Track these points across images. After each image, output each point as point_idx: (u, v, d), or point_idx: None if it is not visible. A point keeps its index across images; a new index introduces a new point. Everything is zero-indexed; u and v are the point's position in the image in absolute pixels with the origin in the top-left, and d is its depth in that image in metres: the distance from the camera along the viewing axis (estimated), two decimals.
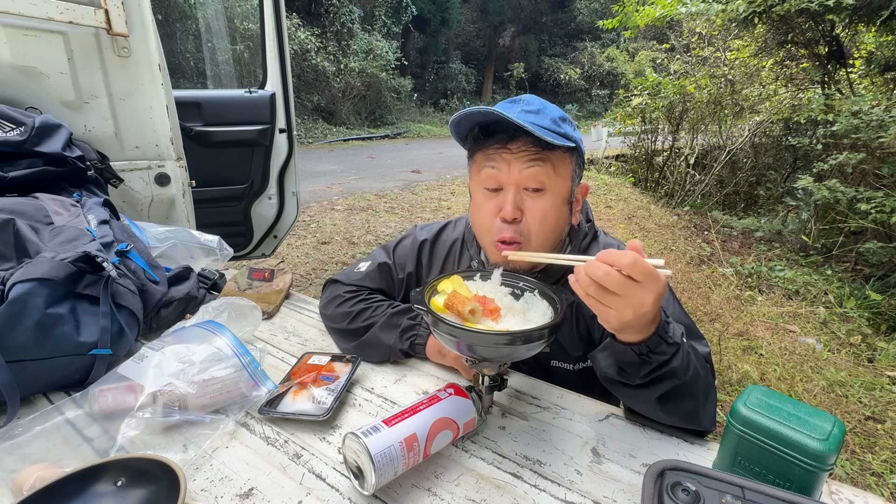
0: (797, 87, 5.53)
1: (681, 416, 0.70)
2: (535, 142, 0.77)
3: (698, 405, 0.69)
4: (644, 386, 0.66)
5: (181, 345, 0.78)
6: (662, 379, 0.65)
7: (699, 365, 0.69)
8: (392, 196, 6.08)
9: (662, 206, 6.18)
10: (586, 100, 22.12)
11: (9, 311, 0.74)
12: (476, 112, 0.77)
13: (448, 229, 1.06)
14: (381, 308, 0.95)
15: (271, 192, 2.57)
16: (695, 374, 0.67)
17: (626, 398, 0.73)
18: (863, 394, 2.33)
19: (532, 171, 0.78)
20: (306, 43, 11.65)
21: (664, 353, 0.63)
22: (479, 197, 0.85)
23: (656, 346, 0.63)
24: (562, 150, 0.79)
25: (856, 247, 3.93)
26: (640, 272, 0.55)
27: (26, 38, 1.37)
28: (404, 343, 0.91)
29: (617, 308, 0.57)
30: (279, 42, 2.32)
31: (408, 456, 0.61)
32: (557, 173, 0.80)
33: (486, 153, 0.81)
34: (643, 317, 0.57)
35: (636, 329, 0.61)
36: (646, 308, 0.56)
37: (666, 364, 0.64)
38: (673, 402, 0.68)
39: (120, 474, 0.55)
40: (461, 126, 0.82)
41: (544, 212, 0.80)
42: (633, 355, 0.63)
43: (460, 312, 0.65)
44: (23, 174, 1.15)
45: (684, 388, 0.66)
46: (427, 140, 13.57)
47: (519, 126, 0.73)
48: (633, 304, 0.56)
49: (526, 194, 0.80)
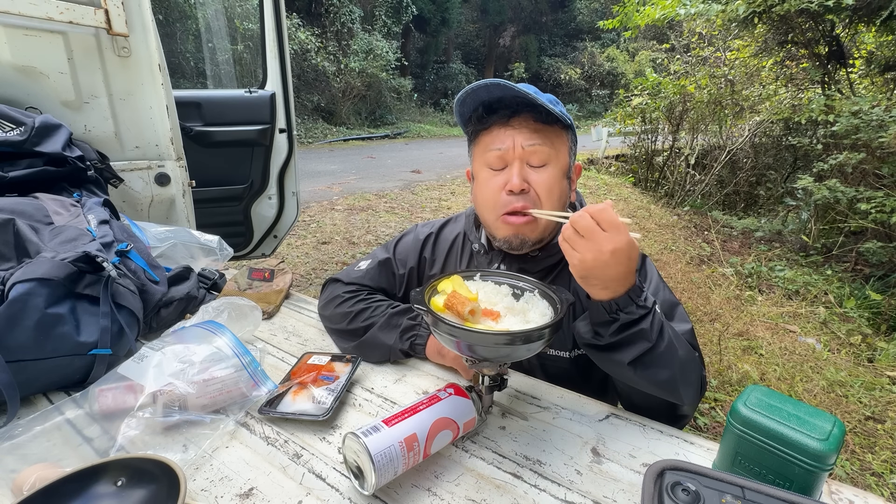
0: (797, 87, 5.53)
1: (658, 385, 0.72)
2: (535, 117, 0.82)
3: (675, 377, 0.71)
4: (615, 347, 0.70)
5: (181, 345, 0.78)
6: (633, 341, 0.69)
7: (677, 342, 0.72)
8: (392, 196, 6.08)
9: (662, 206, 6.18)
10: (586, 100, 22.12)
11: (9, 311, 0.74)
12: (481, 87, 0.81)
13: (450, 225, 1.08)
14: (381, 308, 0.95)
15: (271, 192, 2.57)
16: (669, 345, 0.70)
17: (603, 364, 0.75)
18: (863, 394, 2.33)
19: (534, 147, 0.82)
20: (306, 43, 11.65)
21: (632, 314, 0.68)
22: (484, 175, 0.87)
23: (626, 306, 0.68)
24: (559, 126, 0.85)
25: (856, 247, 3.93)
26: (606, 220, 0.64)
27: (26, 38, 1.37)
28: (404, 343, 0.91)
29: (580, 250, 0.65)
30: (279, 42, 2.32)
31: (408, 456, 0.61)
32: (557, 148, 0.84)
33: (490, 133, 0.85)
34: (602, 265, 0.64)
35: (600, 282, 0.67)
36: (605, 256, 0.63)
37: (634, 324, 0.68)
38: (647, 369, 0.70)
39: (120, 474, 0.55)
40: (466, 105, 0.87)
41: (549, 183, 0.83)
42: (603, 313, 0.69)
43: (460, 313, 0.65)
44: (23, 174, 1.15)
45: (658, 356, 0.69)
46: (427, 140, 13.58)
47: (521, 101, 0.80)
48: (593, 249, 0.64)
49: (530, 169, 0.83)
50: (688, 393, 0.73)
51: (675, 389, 0.72)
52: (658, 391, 0.73)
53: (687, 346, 0.75)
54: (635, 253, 0.66)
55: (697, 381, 0.76)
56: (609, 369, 0.76)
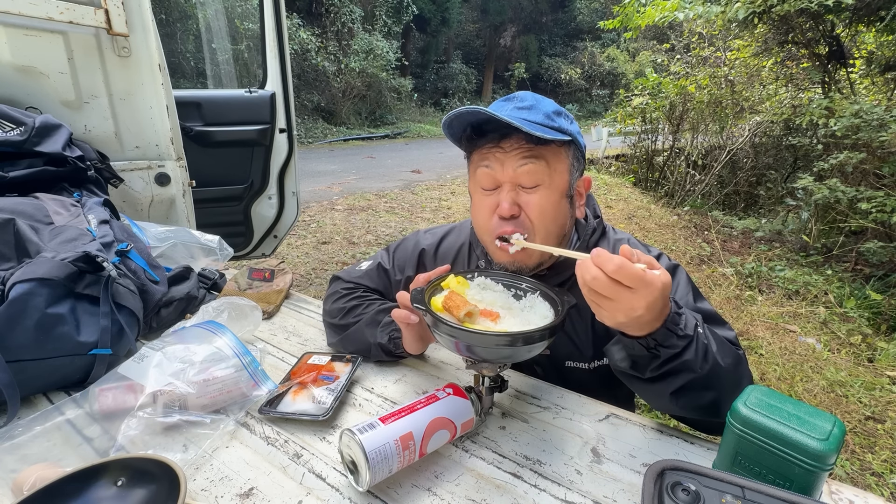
0: (797, 87, 5.52)
1: (700, 410, 0.68)
2: (527, 138, 0.76)
3: (720, 396, 0.66)
4: (657, 380, 0.65)
5: (181, 345, 0.78)
6: (676, 372, 0.64)
7: (722, 354, 0.66)
8: (392, 196, 6.08)
9: (662, 205, 6.18)
10: (587, 100, 22.12)
11: (9, 311, 0.74)
12: (466, 112, 0.76)
13: (452, 234, 1.05)
14: (372, 306, 0.95)
15: (271, 191, 2.57)
16: (714, 366, 0.64)
17: (642, 393, 0.71)
18: (863, 394, 2.33)
19: (526, 168, 0.77)
20: (306, 43, 11.65)
21: (674, 347, 0.62)
22: (477, 196, 0.84)
23: (665, 340, 0.62)
24: (556, 144, 0.78)
25: (856, 246, 3.93)
26: (629, 278, 0.54)
27: (26, 38, 1.37)
28: (383, 336, 0.88)
29: (608, 310, 0.57)
30: (279, 42, 2.32)
31: (403, 454, 0.61)
32: (553, 168, 0.79)
33: (481, 153, 0.81)
34: (637, 320, 0.57)
35: (636, 328, 0.61)
36: (638, 313, 0.56)
37: (677, 357, 0.62)
38: (689, 397, 0.65)
39: (120, 474, 0.55)
40: (453, 127, 0.82)
41: (541, 206, 0.78)
42: (641, 348, 0.63)
43: (456, 315, 0.65)
44: (23, 174, 1.15)
45: (702, 381, 0.64)
46: (427, 140, 13.57)
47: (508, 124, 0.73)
48: (624, 309, 0.56)
49: (522, 190, 0.79)
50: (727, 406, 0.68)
51: (718, 409, 0.66)
52: (699, 415, 0.69)
53: (732, 353, 0.70)
54: (668, 291, 0.57)
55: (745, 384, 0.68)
56: (647, 399, 0.72)
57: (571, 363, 0.91)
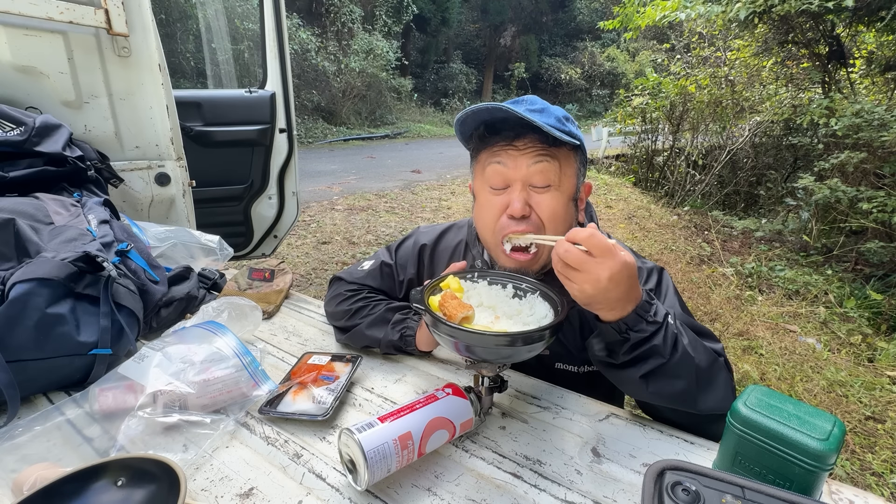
0: (797, 87, 5.52)
1: (671, 397, 0.69)
2: (541, 139, 0.77)
3: (689, 386, 0.68)
4: (628, 364, 0.68)
5: (182, 345, 0.78)
6: (645, 357, 0.67)
7: (693, 348, 0.69)
8: (392, 196, 6.08)
9: (663, 205, 6.18)
10: (587, 99, 22.12)
11: (9, 310, 0.74)
12: (483, 109, 0.76)
13: (451, 232, 1.05)
14: (379, 306, 0.95)
15: (271, 191, 2.57)
16: (683, 356, 0.67)
17: (616, 381, 0.73)
18: (863, 394, 2.33)
19: (539, 167, 0.77)
20: (306, 43, 11.64)
21: (643, 331, 0.66)
22: (484, 196, 0.83)
23: (635, 324, 0.66)
24: (567, 147, 0.79)
25: (856, 246, 3.93)
26: (596, 246, 0.60)
27: (26, 38, 1.37)
28: (394, 334, 0.90)
29: (578, 282, 0.62)
30: (279, 42, 2.32)
31: (402, 454, 0.61)
32: (563, 171, 0.79)
33: (492, 151, 0.80)
34: (603, 292, 0.61)
35: (605, 305, 0.64)
36: (603, 283, 0.60)
37: (646, 341, 0.66)
38: (658, 383, 0.68)
39: (120, 474, 0.55)
40: (466, 125, 0.82)
41: (553, 207, 0.78)
42: (614, 333, 0.67)
43: (451, 317, 0.65)
44: (23, 174, 1.15)
45: (671, 368, 0.67)
46: (427, 140, 13.57)
47: (526, 123, 0.73)
48: (590, 280, 0.60)
49: (533, 191, 0.79)
50: (707, 400, 0.69)
51: (692, 399, 0.69)
52: (671, 403, 0.70)
53: (707, 353, 0.71)
54: (633, 270, 0.62)
55: (723, 386, 0.71)
56: (623, 386, 0.74)
57: (562, 365, 0.91)
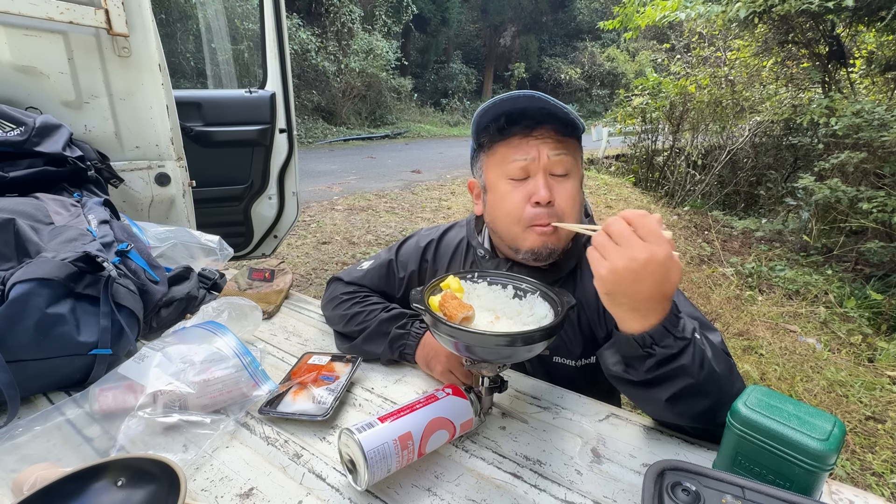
0: (797, 87, 5.52)
1: (695, 417, 0.66)
2: (556, 129, 0.81)
3: (715, 404, 0.64)
4: (651, 384, 0.63)
5: (182, 345, 0.78)
6: (671, 377, 0.62)
7: (717, 361, 0.65)
8: (392, 196, 6.08)
9: (663, 205, 6.18)
10: (587, 99, 22.11)
11: (9, 311, 0.74)
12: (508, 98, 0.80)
13: (453, 231, 1.07)
14: (375, 313, 0.94)
15: (271, 192, 2.57)
16: (710, 373, 0.63)
17: (635, 399, 0.70)
18: (863, 394, 2.33)
19: (560, 156, 0.81)
20: (306, 43, 11.64)
21: (670, 347, 0.61)
22: (504, 187, 0.84)
23: (661, 339, 0.61)
24: (574, 137, 0.84)
25: (856, 246, 3.93)
26: (646, 227, 0.58)
27: (26, 38, 1.37)
28: (394, 353, 0.90)
29: (611, 257, 0.58)
30: (279, 42, 2.32)
31: (402, 454, 0.61)
32: (576, 159, 0.84)
33: (510, 144, 0.83)
34: (634, 277, 0.57)
35: (629, 299, 0.60)
36: (637, 265, 0.57)
37: (673, 359, 0.61)
38: (685, 404, 0.64)
39: (120, 474, 0.55)
40: (487, 116, 0.84)
41: (573, 194, 0.83)
42: (636, 347, 0.62)
43: (451, 317, 0.65)
44: (23, 174, 1.15)
45: (698, 388, 0.62)
46: (427, 140, 13.57)
47: (547, 112, 0.79)
48: (628, 257, 0.57)
49: (553, 179, 0.82)
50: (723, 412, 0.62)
51: (713, 413, 0.64)
52: (692, 422, 0.67)
53: (725, 360, 0.68)
54: (675, 275, 0.58)
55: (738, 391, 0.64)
56: (642, 405, 0.70)
57: (559, 359, 0.91)
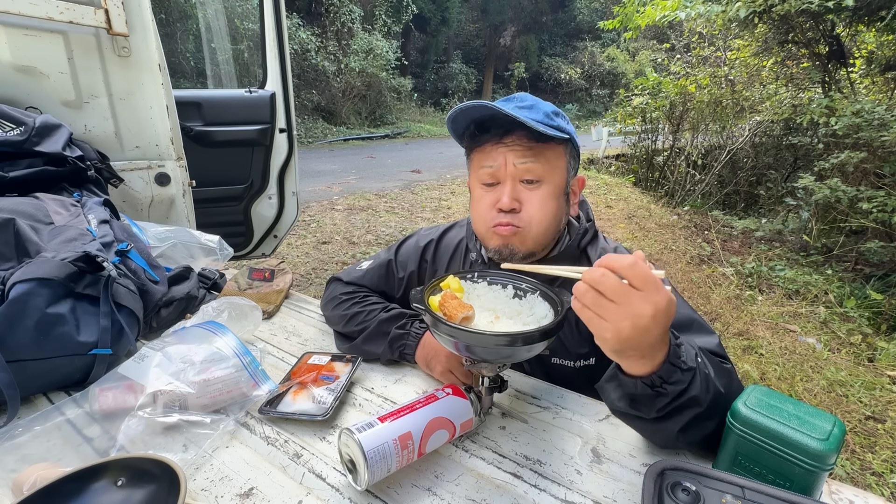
0: (797, 87, 5.52)
1: (703, 439, 0.64)
2: (529, 135, 0.79)
3: (719, 423, 0.62)
4: (664, 419, 0.61)
5: (182, 345, 0.78)
6: (682, 409, 0.59)
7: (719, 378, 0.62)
8: (392, 196, 6.08)
9: (663, 205, 6.17)
10: (587, 99, 22.11)
11: (9, 310, 0.74)
12: (471, 107, 0.79)
13: (453, 231, 1.07)
14: (374, 313, 0.94)
15: (271, 191, 2.57)
16: (716, 395, 0.60)
17: (643, 431, 0.68)
18: (863, 393, 2.33)
19: (527, 164, 0.80)
20: (306, 42, 11.64)
21: (680, 382, 0.57)
22: (478, 191, 0.87)
23: (670, 376, 0.57)
24: (556, 142, 0.82)
25: (856, 246, 3.93)
26: (641, 277, 0.51)
27: (26, 38, 1.37)
28: (394, 353, 0.91)
29: (613, 319, 0.52)
30: (279, 42, 2.32)
31: (402, 454, 0.61)
32: (552, 165, 0.82)
33: (483, 150, 0.84)
34: (643, 333, 0.52)
35: (638, 352, 0.55)
36: (644, 321, 0.51)
37: (684, 393, 0.58)
38: (695, 430, 0.62)
39: (120, 474, 0.55)
40: (457, 123, 0.85)
41: (542, 201, 0.82)
42: (644, 388, 0.58)
43: (451, 317, 0.65)
44: (23, 174, 1.15)
45: (707, 412, 0.60)
46: (427, 140, 13.57)
47: (513, 119, 0.76)
48: (631, 315, 0.51)
49: (523, 186, 0.82)
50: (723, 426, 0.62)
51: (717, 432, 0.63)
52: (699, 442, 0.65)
53: (725, 372, 0.66)
54: (674, 309, 0.53)
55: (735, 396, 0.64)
56: (649, 436, 0.69)
57: (557, 360, 0.91)
